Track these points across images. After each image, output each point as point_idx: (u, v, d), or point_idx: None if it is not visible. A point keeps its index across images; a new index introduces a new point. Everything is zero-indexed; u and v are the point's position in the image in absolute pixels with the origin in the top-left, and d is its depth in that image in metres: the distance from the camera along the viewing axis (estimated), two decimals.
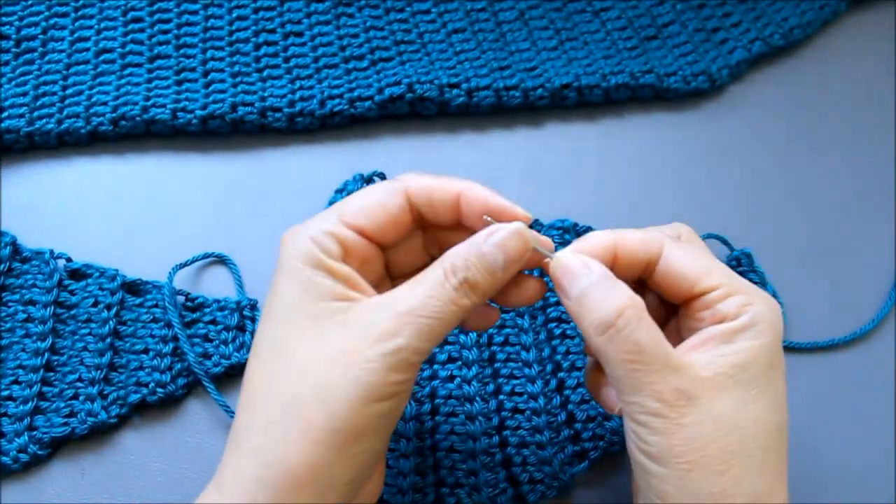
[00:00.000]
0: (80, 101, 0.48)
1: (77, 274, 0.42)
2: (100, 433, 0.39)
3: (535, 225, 0.44)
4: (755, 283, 0.43)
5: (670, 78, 0.51)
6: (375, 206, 0.30)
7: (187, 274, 0.43)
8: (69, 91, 0.48)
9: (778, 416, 0.29)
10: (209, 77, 0.49)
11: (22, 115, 0.47)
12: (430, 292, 0.29)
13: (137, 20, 0.52)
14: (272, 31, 0.52)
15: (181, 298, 0.41)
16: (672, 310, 0.33)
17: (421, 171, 0.47)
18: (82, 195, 0.46)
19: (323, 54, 0.51)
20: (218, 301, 0.41)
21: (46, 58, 0.50)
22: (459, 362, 0.40)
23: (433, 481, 0.37)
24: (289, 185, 0.47)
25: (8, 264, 0.42)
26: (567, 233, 0.44)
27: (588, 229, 0.44)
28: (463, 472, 0.37)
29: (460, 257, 0.29)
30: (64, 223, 0.45)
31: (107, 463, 0.38)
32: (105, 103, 0.48)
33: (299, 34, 0.52)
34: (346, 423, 0.27)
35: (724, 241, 0.45)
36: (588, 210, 0.47)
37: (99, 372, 0.39)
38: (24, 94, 0.48)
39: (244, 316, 0.41)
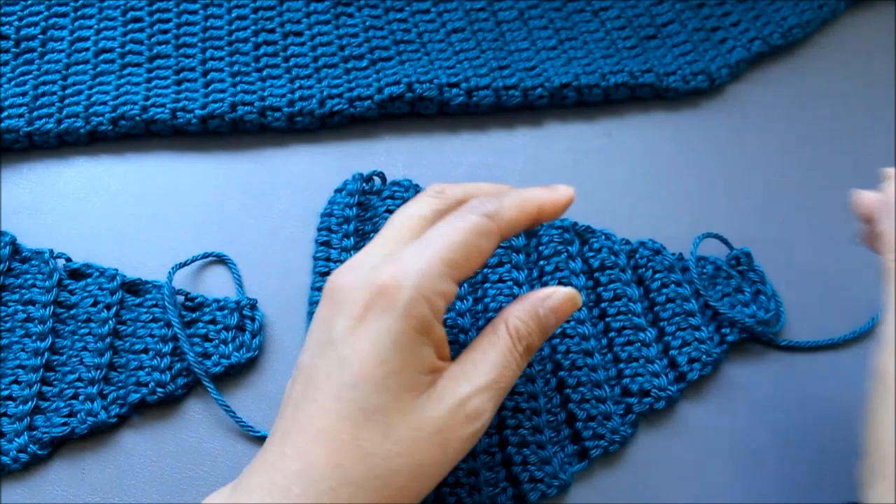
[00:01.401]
0: (79, 101, 0.48)
1: (77, 274, 0.42)
2: (100, 433, 0.38)
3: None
4: (755, 282, 0.43)
5: (670, 77, 0.51)
6: (477, 254, 0.31)
7: (187, 274, 0.43)
8: (69, 91, 0.48)
9: None
10: (209, 77, 0.49)
11: (21, 115, 0.47)
12: (503, 362, 0.31)
13: (137, 20, 0.52)
14: (272, 31, 0.52)
15: (181, 298, 0.41)
16: None
17: (420, 170, 0.48)
18: (82, 195, 0.46)
19: (322, 54, 0.51)
20: (218, 301, 0.41)
21: (46, 57, 0.50)
22: None
23: None
24: (289, 184, 0.47)
25: (7, 264, 0.41)
26: (566, 232, 0.44)
27: (587, 228, 0.44)
28: (463, 471, 0.37)
29: (522, 323, 0.31)
30: (63, 223, 0.45)
31: (108, 463, 0.38)
32: (104, 103, 0.48)
33: (299, 34, 0.52)
34: (424, 494, 0.30)
35: (724, 241, 0.45)
36: (588, 210, 0.47)
37: (98, 372, 0.39)
38: (24, 94, 0.48)
39: (244, 315, 0.41)
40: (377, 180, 0.45)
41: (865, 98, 0.53)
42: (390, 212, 0.43)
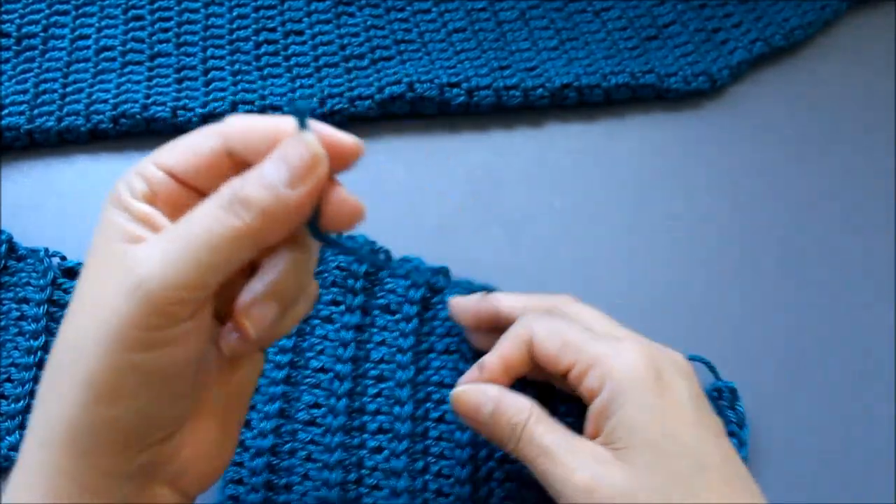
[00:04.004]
0: (80, 99, 0.48)
1: (72, 272, 0.42)
2: None
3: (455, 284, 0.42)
4: (731, 421, 0.39)
5: (671, 78, 0.51)
6: (186, 147, 0.26)
7: None
8: (69, 89, 0.48)
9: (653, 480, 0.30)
10: (209, 75, 0.49)
11: (22, 113, 0.47)
12: (191, 216, 0.24)
13: (138, 18, 0.52)
14: (272, 30, 0.52)
15: None
16: None
17: (420, 170, 0.48)
18: (82, 193, 0.46)
19: (323, 53, 0.51)
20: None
21: (47, 55, 0.50)
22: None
23: None
24: None
25: (3, 262, 0.42)
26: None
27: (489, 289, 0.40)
28: None
29: (238, 181, 0.25)
30: (64, 221, 0.45)
31: None
32: (105, 101, 0.48)
33: (300, 33, 0.52)
34: (97, 376, 0.24)
35: (711, 368, 0.41)
36: (588, 210, 0.47)
37: None
38: (25, 92, 0.48)
39: None
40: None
41: (867, 99, 0.52)
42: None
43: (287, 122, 0.26)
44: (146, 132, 0.48)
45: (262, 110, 0.48)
